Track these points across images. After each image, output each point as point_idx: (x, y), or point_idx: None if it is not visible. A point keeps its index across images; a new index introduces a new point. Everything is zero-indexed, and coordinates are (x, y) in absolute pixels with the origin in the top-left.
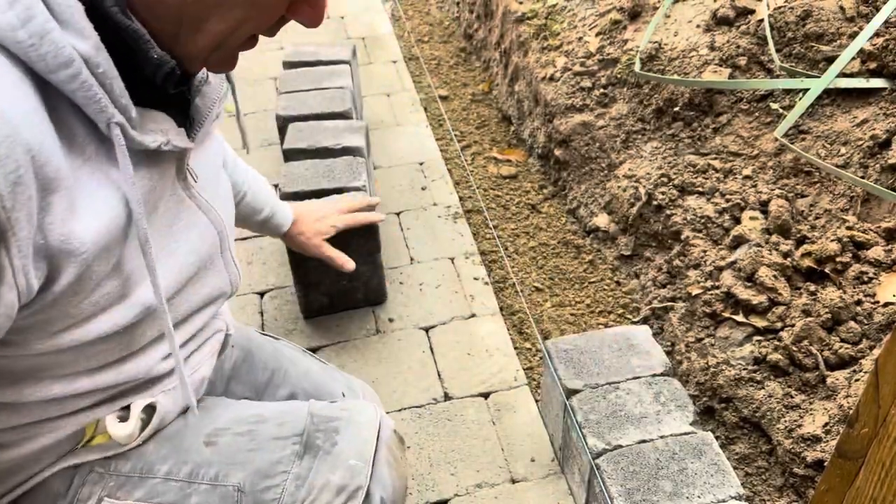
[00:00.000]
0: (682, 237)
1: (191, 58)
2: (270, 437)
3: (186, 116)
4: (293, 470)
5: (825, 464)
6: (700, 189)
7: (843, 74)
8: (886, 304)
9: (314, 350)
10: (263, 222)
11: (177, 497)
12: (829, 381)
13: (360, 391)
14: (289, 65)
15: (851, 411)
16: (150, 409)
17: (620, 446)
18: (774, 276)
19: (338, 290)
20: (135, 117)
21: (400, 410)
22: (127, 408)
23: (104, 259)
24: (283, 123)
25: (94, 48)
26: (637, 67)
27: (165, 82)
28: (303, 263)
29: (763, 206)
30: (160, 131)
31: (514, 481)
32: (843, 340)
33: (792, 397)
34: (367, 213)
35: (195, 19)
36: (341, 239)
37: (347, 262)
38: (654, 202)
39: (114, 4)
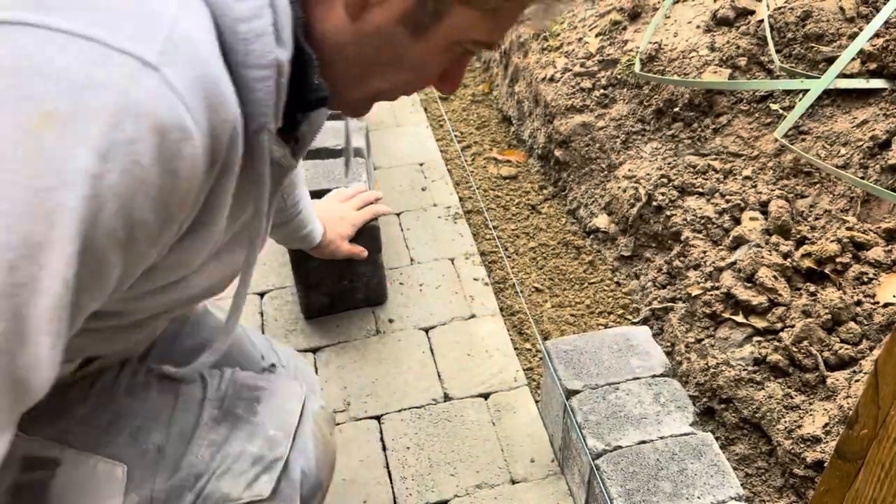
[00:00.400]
0: (682, 238)
1: (342, 99)
2: (197, 400)
3: (290, 138)
4: (209, 436)
5: (825, 465)
6: (700, 190)
7: (843, 75)
8: (886, 305)
9: (314, 350)
10: (304, 237)
11: (90, 444)
12: (829, 381)
13: (293, 370)
14: None
15: (851, 412)
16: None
17: (620, 447)
18: (774, 277)
19: (339, 290)
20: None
21: (399, 411)
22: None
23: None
24: None
25: (287, 60)
26: (637, 68)
27: (313, 107)
28: (304, 264)
29: (763, 207)
30: (280, 146)
31: (513, 482)
32: (843, 341)
33: (792, 398)
34: (377, 206)
35: (366, 73)
36: None
37: (363, 251)
38: (654, 203)
39: (299, 27)
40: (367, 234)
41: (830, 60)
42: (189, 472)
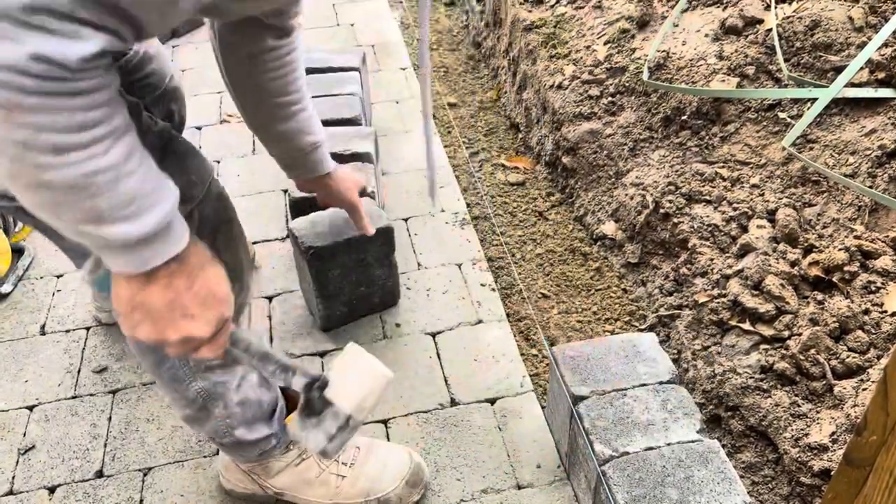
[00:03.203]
0: (690, 245)
1: None
2: None
3: None
4: None
5: (832, 473)
6: (707, 197)
7: (851, 84)
8: (894, 314)
9: (322, 354)
10: (312, 148)
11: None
12: (836, 390)
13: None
14: None
15: (860, 419)
16: None
17: (627, 453)
18: (782, 285)
19: (357, 296)
20: None
21: (406, 415)
22: None
23: None
24: None
25: None
26: (645, 76)
27: None
28: (324, 273)
29: (770, 215)
30: None
31: (519, 487)
32: (850, 350)
33: (799, 406)
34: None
35: None
36: (357, 243)
37: (371, 225)
38: (662, 210)
39: None
40: (382, 235)
41: (839, 69)
42: None
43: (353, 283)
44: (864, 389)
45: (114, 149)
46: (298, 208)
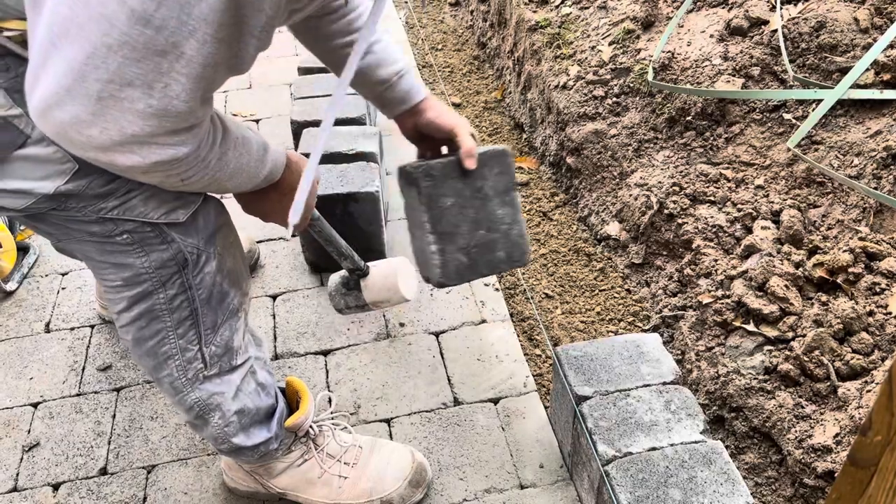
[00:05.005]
0: (694, 246)
1: None
2: None
3: None
4: None
5: (835, 475)
6: (712, 198)
7: (856, 85)
8: None
9: (325, 353)
10: (398, 79)
11: None
12: (840, 391)
13: None
14: (304, 71)
15: (864, 419)
16: None
17: (630, 453)
18: (786, 286)
19: (476, 243)
20: None
21: (409, 415)
22: None
23: None
24: (297, 128)
25: None
26: (650, 77)
27: None
28: (437, 201)
29: (775, 216)
30: None
31: (522, 487)
32: (854, 351)
33: (803, 407)
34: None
35: None
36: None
37: (472, 157)
38: (666, 211)
39: None
40: (498, 162)
41: (844, 71)
42: None
43: (471, 220)
44: (867, 391)
45: (238, 146)
46: None
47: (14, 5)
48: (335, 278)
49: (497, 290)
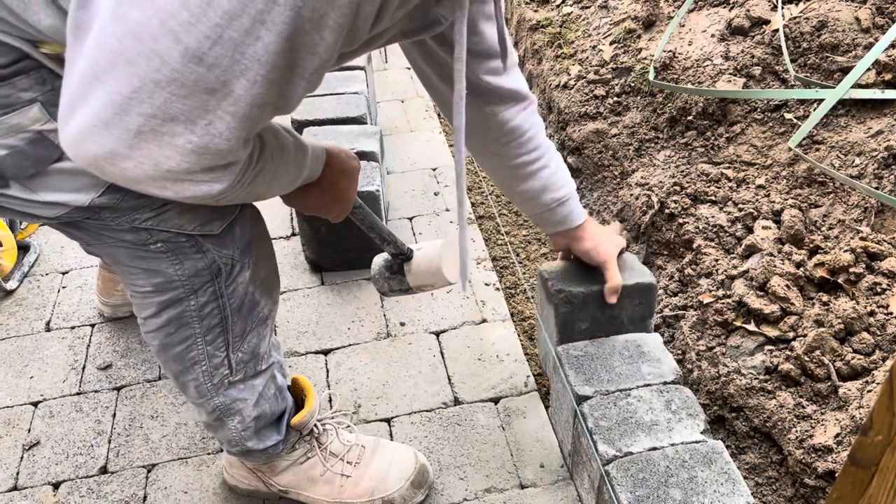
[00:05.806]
0: (695, 246)
1: None
2: None
3: None
4: None
5: (836, 475)
6: (713, 198)
7: (857, 85)
8: None
9: (325, 352)
10: (557, 205)
11: None
12: (841, 391)
13: None
14: None
15: (865, 419)
16: None
17: (631, 453)
18: (787, 286)
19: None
20: None
21: (410, 414)
22: None
23: None
24: (298, 128)
25: None
26: (651, 76)
27: None
28: (571, 323)
29: (776, 216)
30: None
31: (522, 487)
32: (855, 351)
33: (803, 408)
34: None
35: None
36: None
37: (615, 294)
38: (667, 210)
39: None
40: (639, 293)
41: (845, 70)
42: None
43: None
44: (868, 391)
45: (276, 157)
46: None
47: (51, 34)
48: (378, 261)
49: (497, 289)
